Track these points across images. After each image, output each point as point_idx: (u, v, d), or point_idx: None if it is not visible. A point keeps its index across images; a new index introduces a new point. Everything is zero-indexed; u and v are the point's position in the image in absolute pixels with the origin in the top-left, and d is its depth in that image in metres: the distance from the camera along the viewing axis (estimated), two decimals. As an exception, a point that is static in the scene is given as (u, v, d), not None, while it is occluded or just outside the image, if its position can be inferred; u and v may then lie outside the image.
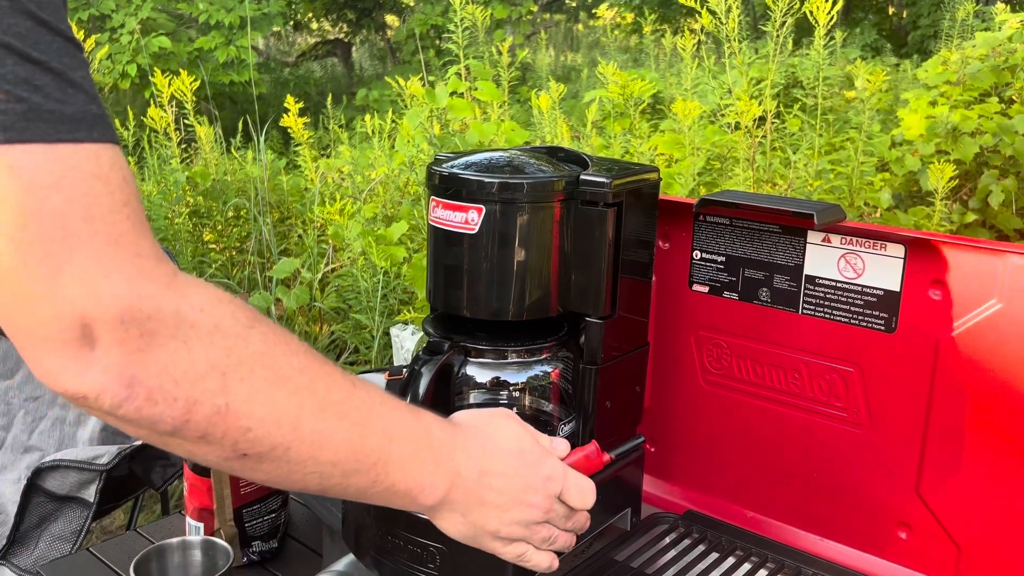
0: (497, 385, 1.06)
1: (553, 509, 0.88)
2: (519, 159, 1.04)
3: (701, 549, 1.15)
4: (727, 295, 1.18)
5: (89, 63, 0.65)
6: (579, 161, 1.08)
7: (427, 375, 0.98)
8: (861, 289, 1.07)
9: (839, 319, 1.09)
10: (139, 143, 3.85)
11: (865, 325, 1.07)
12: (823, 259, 1.09)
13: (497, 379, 1.06)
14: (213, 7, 7.99)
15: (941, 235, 1.03)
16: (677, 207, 1.19)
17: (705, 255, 1.19)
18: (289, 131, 3.64)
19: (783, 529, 1.17)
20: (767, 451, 1.18)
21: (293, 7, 11.05)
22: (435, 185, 1.01)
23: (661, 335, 1.23)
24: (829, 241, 1.09)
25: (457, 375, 1.04)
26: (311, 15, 12.25)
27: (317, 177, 3.55)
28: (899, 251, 1.04)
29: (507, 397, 1.07)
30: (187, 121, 3.67)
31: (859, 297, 1.07)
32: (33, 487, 1.66)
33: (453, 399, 1.05)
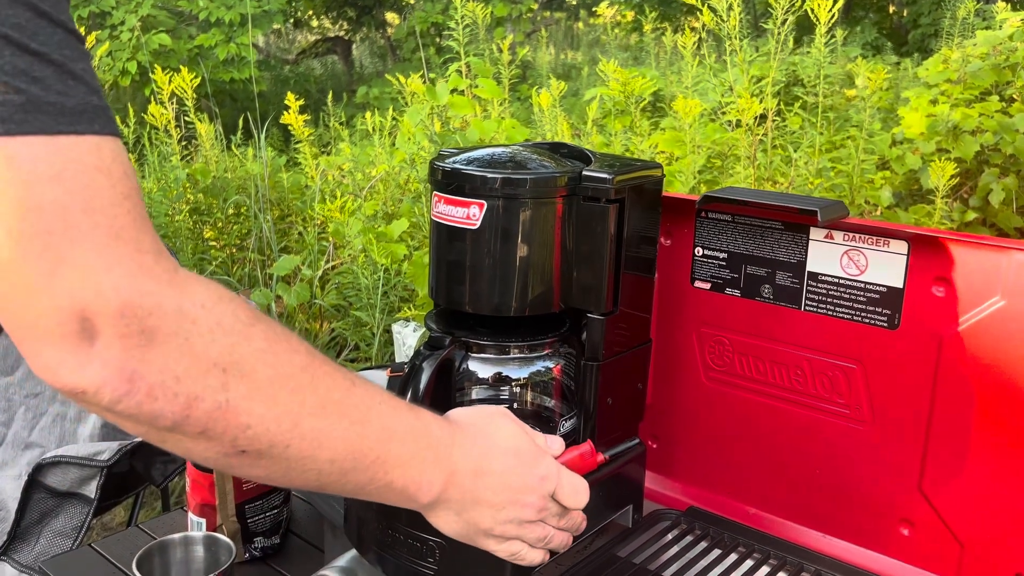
0: (499, 381, 1.06)
1: (547, 508, 0.89)
2: (521, 155, 1.04)
3: (703, 546, 1.14)
4: (729, 292, 1.18)
5: (91, 56, 0.65)
6: (582, 157, 1.08)
7: (428, 370, 0.98)
8: (864, 286, 1.07)
9: (842, 316, 1.09)
10: (139, 140, 3.84)
11: (868, 322, 1.07)
12: (826, 256, 1.09)
13: (499, 375, 1.06)
14: (213, 4, 7.98)
15: (944, 232, 1.03)
16: (679, 204, 1.19)
17: (707, 252, 1.19)
18: (289, 128, 3.64)
19: (785, 526, 1.17)
20: (769, 448, 1.18)
21: (293, 5, 11.04)
22: (438, 180, 1.01)
23: (663, 332, 1.23)
24: (832, 238, 1.08)
25: (458, 370, 1.04)
26: (311, 12, 12.24)
27: (317, 174, 3.55)
28: (902, 248, 1.03)
29: (508, 393, 1.07)
30: (187, 118, 3.66)
31: (862, 294, 1.07)
32: (34, 483, 1.66)
33: (454, 394, 1.05)
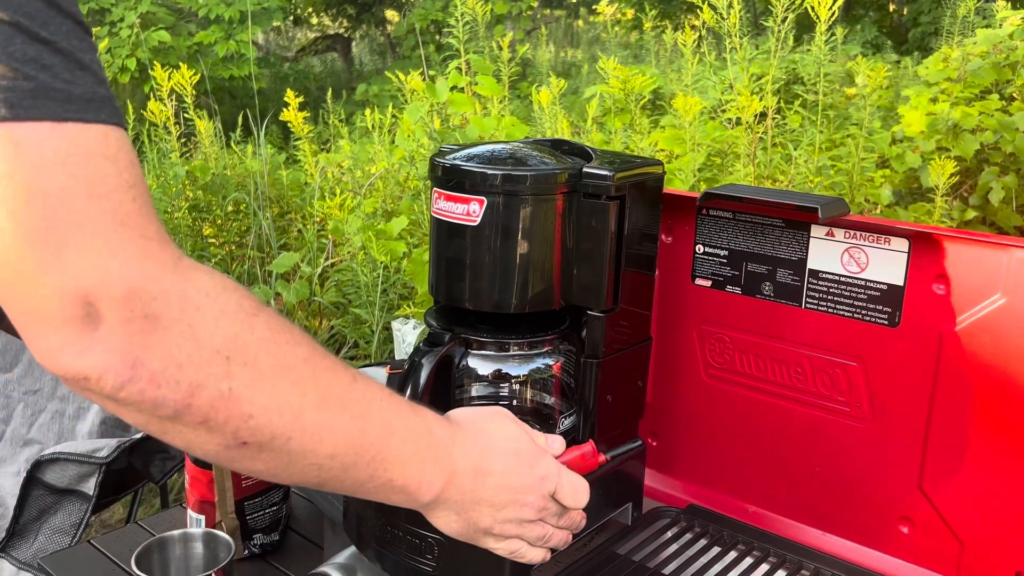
0: (498, 377, 1.06)
1: (547, 508, 0.89)
2: (522, 151, 1.04)
3: (703, 543, 1.14)
4: (730, 289, 1.18)
5: (97, 49, 0.65)
6: (583, 154, 1.08)
7: (427, 366, 0.98)
8: (865, 283, 1.07)
9: (842, 313, 1.09)
10: (138, 137, 3.84)
11: (868, 320, 1.07)
12: (827, 253, 1.09)
13: (498, 371, 1.06)
14: (213, 1, 7.96)
15: (945, 229, 1.03)
16: (680, 201, 1.19)
17: (708, 249, 1.19)
18: (289, 126, 3.63)
19: (785, 524, 1.17)
20: (769, 446, 1.18)
21: (293, 2, 11.02)
22: (437, 176, 1.01)
23: (663, 329, 1.23)
24: (833, 235, 1.08)
25: (458, 367, 1.04)
26: (311, 10, 12.22)
27: (317, 172, 3.55)
28: (903, 245, 1.03)
29: (508, 390, 1.07)
30: (187, 115, 3.66)
31: (862, 291, 1.07)
32: (32, 480, 1.66)
33: (454, 391, 1.05)
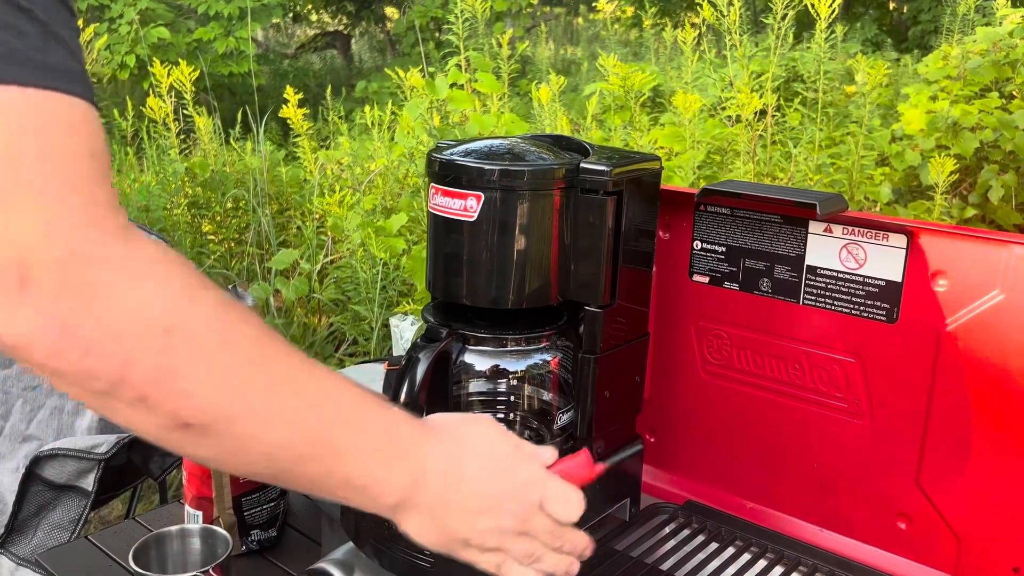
0: (496, 373, 1.06)
1: (531, 519, 0.81)
2: (519, 147, 1.03)
3: (701, 539, 1.14)
4: (728, 285, 1.17)
5: (80, 30, 0.64)
6: (581, 150, 1.08)
7: (424, 362, 0.97)
8: (863, 280, 1.07)
9: (840, 310, 1.09)
10: (137, 133, 3.84)
11: (866, 316, 1.07)
12: (825, 249, 1.09)
13: (496, 367, 1.06)
14: (212, -2, 7.96)
15: (944, 225, 1.03)
16: (678, 197, 1.19)
17: (706, 245, 1.19)
18: (288, 123, 3.63)
19: (782, 520, 1.17)
20: (767, 442, 1.18)
21: (292, -1, 11.02)
22: (435, 172, 1.01)
23: (661, 325, 1.23)
24: (831, 231, 1.08)
25: (456, 363, 1.03)
26: (310, 7, 12.21)
27: (316, 168, 3.54)
28: (901, 241, 1.03)
29: (506, 385, 1.07)
30: (186, 112, 3.66)
31: (861, 288, 1.07)
32: (31, 476, 1.66)
33: (451, 387, 1.04)
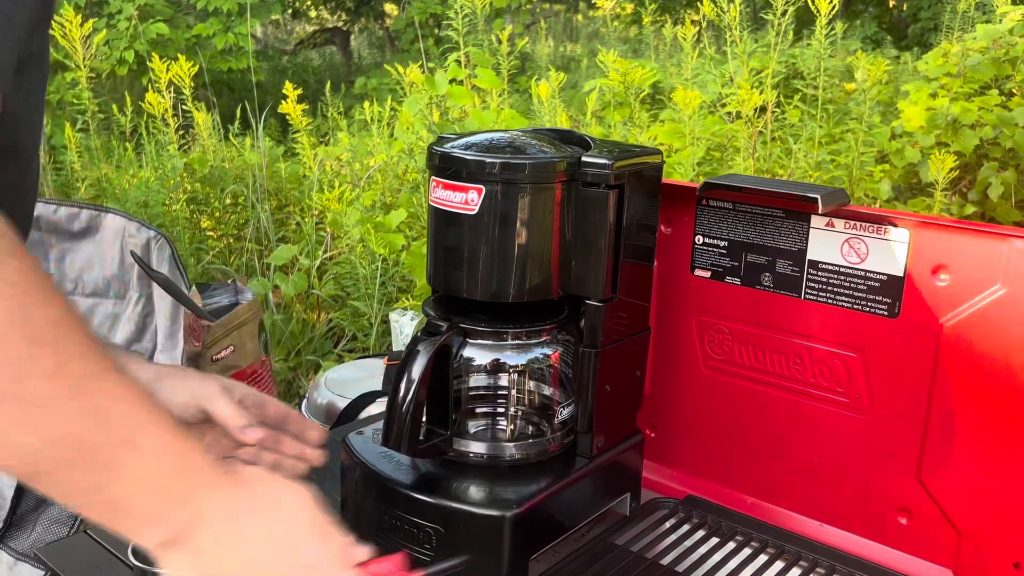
0: (496, 367, 1.06)
1: None
2: (520, 140, 1.03)
3: (701, 534, 1.14)
4: (729, 280, 1.17)
5: (16, 24, 0.61)
6: (583, 144, 1.07)
7: (424, 355, 0.97)
8: (864, 274, 1.06)
9: (842, 304, 1.09)
10: (136, 129, 3.83)
11: (868, 310, 1.07)
12: (826, 244, 1.09)
13: (496, 361, 1.05)
14: (211, -6, 7.95)
15: (946, 219, 1.02)
16: (680, 191, 1.18)
17: (707, 240, 1.18)
18: (287, 118, 3.63)
19: (783, 515, 1.17)
20: (768, 437, 1.17)
21: (292, -5, 11.00)
22: (435, 165, 1.00)
23: (662, 320, 1.22)
24: (833, 226, 1.08)
25: (456, 357, 1.03)
26: (309, 3, 12.19)
27: (315, 164, 3.54)
28: (903, 236, 1.03)
29: (506, 379, 1.07)
30: (185, 107, 3.65)
31: (862, 282, 1.07)
32: (29, 470, 1.66)
33: (452, 381, 1.04)
